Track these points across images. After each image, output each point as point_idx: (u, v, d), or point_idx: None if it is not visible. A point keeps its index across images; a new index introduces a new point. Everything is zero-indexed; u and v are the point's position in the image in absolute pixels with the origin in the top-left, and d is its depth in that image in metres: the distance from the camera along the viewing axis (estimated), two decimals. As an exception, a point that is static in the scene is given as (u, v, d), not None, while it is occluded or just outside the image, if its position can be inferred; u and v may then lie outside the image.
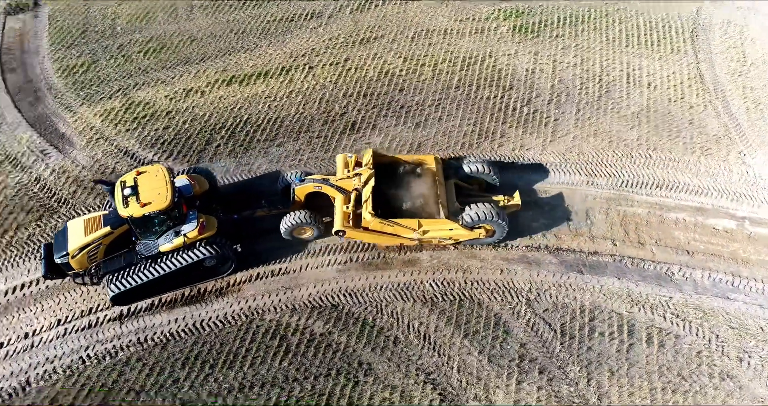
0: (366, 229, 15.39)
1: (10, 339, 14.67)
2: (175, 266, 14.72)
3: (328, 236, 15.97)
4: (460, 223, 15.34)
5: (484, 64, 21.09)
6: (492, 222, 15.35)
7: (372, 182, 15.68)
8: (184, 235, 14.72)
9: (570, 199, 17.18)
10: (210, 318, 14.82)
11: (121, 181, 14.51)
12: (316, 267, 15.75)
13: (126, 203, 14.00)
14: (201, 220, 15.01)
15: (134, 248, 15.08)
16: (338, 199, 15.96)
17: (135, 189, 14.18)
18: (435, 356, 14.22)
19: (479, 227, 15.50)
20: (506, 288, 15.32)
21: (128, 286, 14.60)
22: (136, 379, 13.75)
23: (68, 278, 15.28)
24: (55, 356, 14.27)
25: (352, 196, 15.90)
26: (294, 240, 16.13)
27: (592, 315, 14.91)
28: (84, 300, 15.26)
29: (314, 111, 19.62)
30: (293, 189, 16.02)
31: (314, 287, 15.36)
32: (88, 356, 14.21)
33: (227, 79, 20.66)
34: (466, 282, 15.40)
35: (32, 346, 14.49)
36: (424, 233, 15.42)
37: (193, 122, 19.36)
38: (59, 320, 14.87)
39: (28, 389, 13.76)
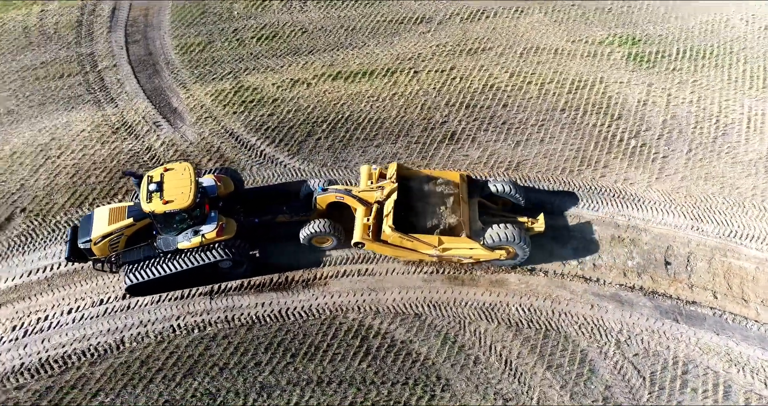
0: (385, 242, 15.23)
1: (109, 297, 15.51)
2: (190, 264, 14.99)
3: (348, 246, 15.78)
4: (482, 243, 15.06)
5: (593, 89, 20.53)
6: (514, 244, 15.11)
7: (394, 196, 15.58)
8: (203, 235, 14.98)
9: (671, 241, 16.40)
10: (295, 308, 15.19)
11: (148, 176, 14.96)
12: (402, 273, 15.80)
13: (150, 199, 14.37)
14: (221, 222, 15.22)
15: (154, 242, 15.36)
16: (359, 211, 15.89)
17: (160, 186, 14.53)
18: (515, 383, 13.97)
19: (501, 248, 15.20)
20: (595, 325, 14.84)
21: (144, 278, 14.99)
22: (220, 355, 14.26)
23: (89, 262, 15.65)
24: (148, 321, 15.04)
25: (374, 209, 15.74)
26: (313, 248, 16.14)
27: (686, 368, 14.19)
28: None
29: (415, 116, 19.77)
30: (315, 198, 15.98)
31: (399, 292, 15.47)
32: (178, 325, 14.89)
33: (333, 74, 21.18)
34: (553, 312, 15.03)
35: (129, 307, 15.30)
36: (445, 250, 15.28)
37: (297, 113, 20.00)
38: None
39: (122, 347, 14.61)
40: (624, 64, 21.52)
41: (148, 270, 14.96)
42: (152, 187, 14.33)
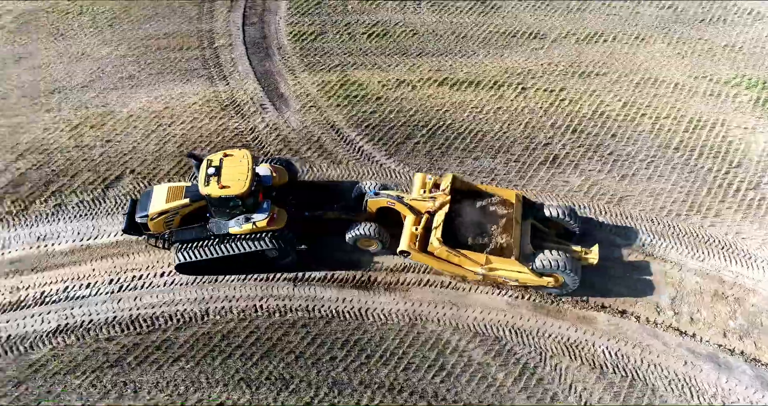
0: (431, 254, 14.88)
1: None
2: (238, 250, 15.14)
3: (392, 252, 15.43)
4: (530, 267, 14.46)
5: (712, 131, 19.28)
6: (564, 273, 14.57)
7: (446, 208, 15.18)
8: (254, 223, 15.16)
9: (782, 308, 15.38)
10: (375, 309, 15.15)
11: (208, 160, 15.26)
12: (487, 292, 15.46)
13: (207, 182, 14.69)
14: (273, 212, 15.39)
15: (207, 224, 15.58)
16: (409, 219, 15.59)
17: (218, 170, 14.80)
18: (592, 428, 13.50)
19: (549, 275, 14.71)
20: (687, 383, 13.90)
21: (193, 258, 15.28)
22: (297, 343, 14.46)
23: (144, 236, 16.05)
24: (233, 296, 15.46)
25: (423, 219, 15.36)
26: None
27: (783, 449, 13.25)
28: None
29: (517, 133, 19.29)
30: (366, 200, 15.89)
31: (481, 312, 15.12)
32: (261, 306, 15.20)
33: (439, 79, 21.01)
34: (642, 362, 14.17)
35: (216, 280, 15.81)
36: (491, 270, 14.81)
37: (399, 114, 19.96)
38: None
39: (206, 318, 15.12)
40: (750, 108, 20.09)
41: (198, 251, 15.30)
42: (211, 171, 14.72)
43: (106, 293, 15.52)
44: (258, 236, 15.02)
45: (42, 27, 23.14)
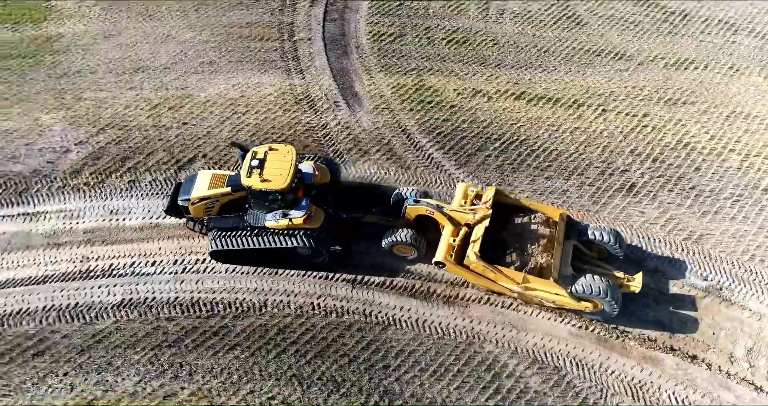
0: (467, 267, 14.56)
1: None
2: (272, 244, 15.19)
3: (427, 261, 15.08)
4: (569, 290, 14.06)
5: (807, 175, 18.35)
6: (604, 299, 14.08)
7: (486, 222, 14.77)
8: (290, 219, 15.16)
9: None
10: (432, 322, 14.89)
11: (253, 151, 15.36)
12: (549, 318, 14.91)
13: (250, 174, 14.80)
14: (310, 210, 15.34)
15: (245, 214, 15.70)
16: (447, 230, 15.28)
17: (262, 163, 14.90)
18: (651, 476, 12.84)
19: (588, 300, 14.27)
20: (759, 443, 13.28)
21: (227, 247, 15.41)
22: (352, 347, 14.36)
23: (184, 219, 16.41)
24: (291, 291, 15.49)
25: (462, 231, 15.00)
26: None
27: None
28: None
29: (594, 157, 18.58)
30: (406, 207, 15.67)
31: (541, 338, 14.60)
32: (318, 305, 15.17)
33: (517, 93, 20.51)
34: (712, 413, 13.69)
35: (276, 273, 15.89)
36: (527, 289, 14.42)
37: (472, 124, 19.61)
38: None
39: (264, 310, 15.20)
40: None
41: (232, 240, 15.42)
42: (255, 163, 14.80)
43: (170, 273, 15.84)
44: (293, 232, 15.07)
45: (132, 7, 23.87)
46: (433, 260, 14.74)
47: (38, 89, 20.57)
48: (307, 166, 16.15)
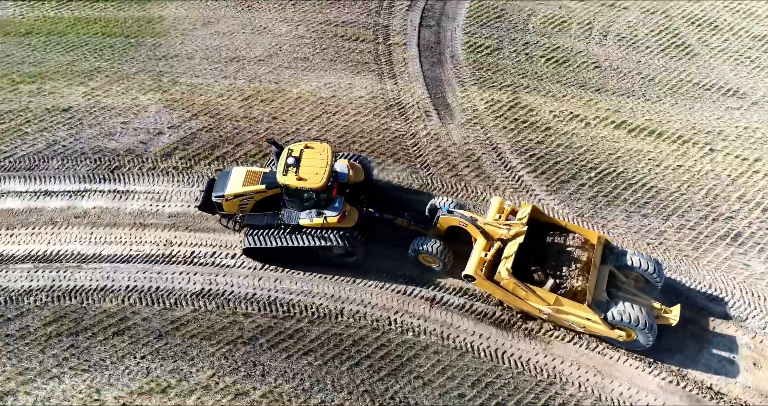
0: (497, 283, 14.12)
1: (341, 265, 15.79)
2: (305, 243, 15.05)
3: (453, 275, 14.73)
4: (602, 316, 13.60)
5: None
6: (639, 329, 13.60)
7: (521, 239, 14.35)
8: (325, 218, 15.04)
9: None
10: (512, 354, 14.24)
11: (289, 149, 15.26)
12: (638, 367, 13.95)
13: (285, 172, 14.73)
14: (345, 209, 15.21)
15: (278, 212, 15.61)
16: (479, 243, 14.82)
17: (297, 161, 14.76)
18: None
19: (622, 329, 13.74)
20: None
21: (261, 244, 15.31)
22: (427, 369, 13.90)
23: (216, 215, 16.36)
24: (368, 303, 15.14)
25: (495, 246, 14.53)
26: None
27: None
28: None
29: (697, 198, 17.40)
30: (438, 217, 15.32)
31: (628, 388, 13.66)
32: (395, 320, 14.78)
33: (617, 121, 19.39)
34: None
35: (354, 281, 15.39)
36: (558, 311, 13.88)
37: (567, 149, 18.74)
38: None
39: (339, 318, 14.77)
40: None
41: (266, 238, 15.28)
42: (290, 160, 14.62)
43: (249, 267, 15.80)
44: (327, 231, 14.86)
45: (232, -5, 24.61)
46: (463, 273, 14.52)
47: (137, 69, 21.11)
48: (341, 165, 16.02)
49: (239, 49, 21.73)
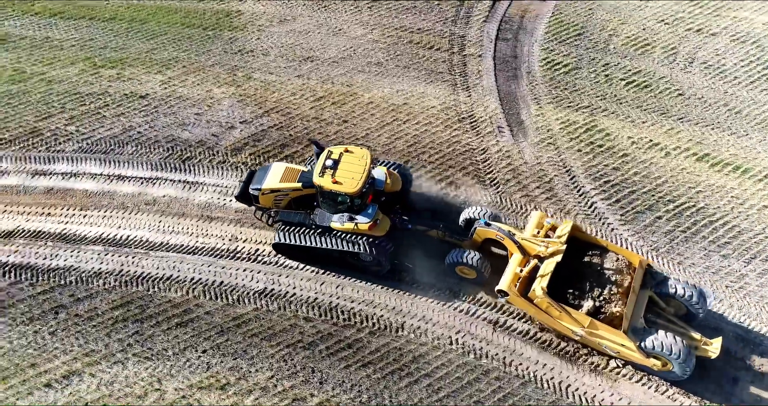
0: (530, 301, 13.83)
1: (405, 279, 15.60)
2: (334, 246, 15.02)
3: (489, 287, 14.52)
4: (638, 344, 13.21)
5: None
6: (676, 360, 13.09)
7: (559, 257, 13.96)
8: (356, 224, 14.89)
9: None
10: (577, 389, 13.69)
11: (329, 151, 15.16)
12: (709, 418, 13.70)
13: (322, 173, 14.65)
14: (377, 218, 15.09)
15: (311, 212, 15.61)
16: (515, 258, 14.61)
17: (336, 164, 14.67)
18: None
19: (657, 358, 13.35)
20: None
21: (290, 242, 15.30)
22: (488, 395, 13.53)
23: (252, 207, 16.42)
24: (429, 319, 14.83)
25: (532, 262, 14.28)
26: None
27: None
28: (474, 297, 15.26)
29: (783, 243, 16.86)
30: (475, 228, 15.13)
31: (699, 439, 13.41)
32: (456, 340, 14.46)
33: (699, 153, 18.48)
34: None
35: (415, 296, 15.11)
36: (592, 334, 13.54)
37: (644, 179, 17.99)
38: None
39: (400, 332, 14.53)
40: None
41: (297, 236, 15.31)
42: (329, 162, 14.62)
43: (312, 270, 15.76)
44: (357, 237, 14.69)
45: (309, -6, 24.71)
46: (497, 288, 14.23)
47: (213, 62, 21.38)
48: (379, 172, 15.83)
49: (314, 49, 21.80)
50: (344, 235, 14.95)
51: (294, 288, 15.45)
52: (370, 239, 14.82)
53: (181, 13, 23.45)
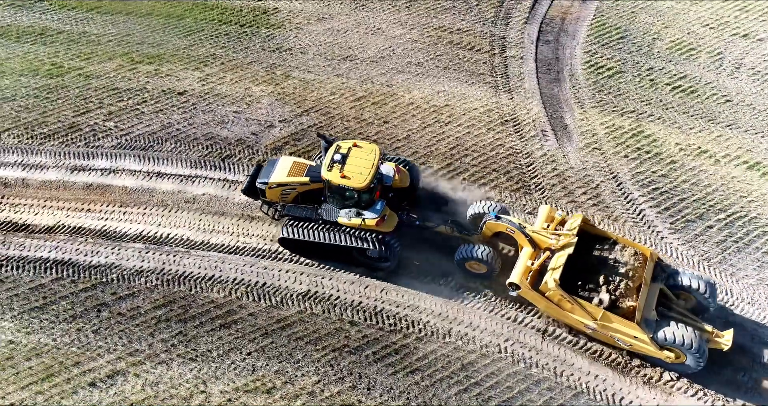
0: (542, 294, 13.85)
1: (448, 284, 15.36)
2: (341, 242, 14.84)
3: (499, 280, 14.49)
4: (651, 336, 13.16)
5: None
6: (690, 352, 13.04)
7: (570, 250, 13.97)
8: (363, 219, 14.77)
9: None
10: (630, 401, 13.22)
11: (337, 145, 15.08)
12: (769, 436, 13.32)
13: (330, 168, 14.51)
14: (384, 214, 14.92)
15: (318, 207, 15.47)
16: (526, 251, 14.59)
17: (344, 159, 14.53)
18: None
19: (671, 350, 13.30)
20: None
21: (296, 236, 15.13)
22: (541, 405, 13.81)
23: (258, 201, 16.26)
24: (477, 326, 14.50)
25: (543, 255, 14.22)
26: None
27: None
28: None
29: (840, 256, 16.39)
30: (485, 222, 14.97)
31: (760, 457, 13.04)
32: (505, 349, 14.13)
33: (750, 162, 17.96)
34: None
35: (462, 301, 14.75)
36: (605, 327, 13.50)
37: (694, 186, 17.59)
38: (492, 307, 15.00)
39: (447, 339, 14.15)
40: None
41: (303, 230, 15.14)
42: (337, 157, 14.48)
43: (355, 273, 15.49)
44: (364, 233, 14.47)
45: (347, -7, 24.45)
46: (508, 281, 14.23)
47: (251, 60, 21.15)
48: (387, 168, 15.64)
49: (352, 48, 21.51)
50: (352, 231, 14.81)
51: (338, 291, 15.17)
52: (378, 235, 14.66)
53: (218, 10, 23.26)
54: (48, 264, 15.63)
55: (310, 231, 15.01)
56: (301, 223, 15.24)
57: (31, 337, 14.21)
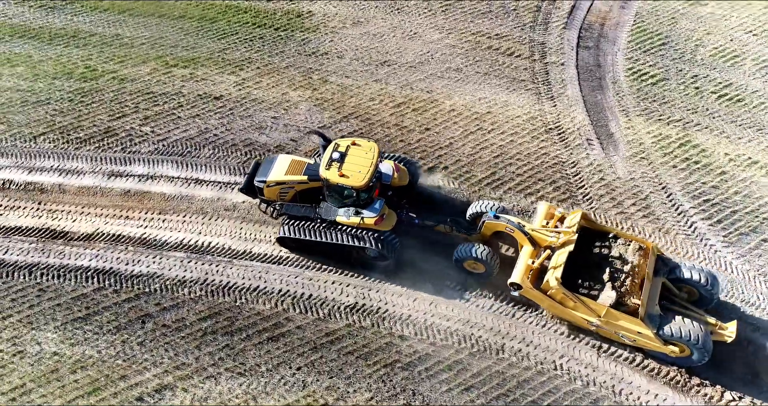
0: (544, 292, 13.77)
1: (500, 297, 14.74)
2: (339, 241, 14.71)
3: (499, 280, 14.33)
4: (654, 331, 13.08)
5: None
6: (694, 346, 12.99)
7: (571, 247, 13.83)
8: (362, 218, 14.66)
9: None
10: (693, 422, 13.51)
11: (335, 143, 14.90)
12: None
13: (329, 166, 14.36)
14: (383, 212, 14.81)
15: (317, 205, 15.32)
16: (526, 250, 14.51)
17: (342, 157, 14.38)
18: None
19: (675, 344, 13.22)
20: None
21: (295, 235, 15.01)
22: (597, 426, 13.27)
23: (256, 199, 16.17)
24: (530, 342, 14.08)
25: (543, 254, 14.10)
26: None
27: None
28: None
29: None
30: (484, 222, 14.88)
31: None
32: (561, 365, 13.60)
33: (801, 173, 18.20)
34: None
35: (513, 315, 14.39)
36: (608, 323, 13.43)
37: (746, 198, 17.15)
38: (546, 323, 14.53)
39: (501, 355, 13.79)
40: None
41: (302, 230, 15.07)
42: (335, 155, 14.39)
43: (402, 286, 15.00)
44: (363, 232, 14.29)
45: (382, -4, 24.04)
46: (509, 281, 14.18)
47: (287, 64, 20.81)
48: (386, 166, 15.46)
49: (390, 53, 21.09)
50: (351, 229, 14.61)
51: (386, 304, 14.81)
52: (377, 234, 14.46)
53: (251, 13, 22.93)
54: (89, 273, 15.36)
55: (310, 230, 14.88)
56: (300, 222, 15.10)
57: (76, 349, 13.97)
